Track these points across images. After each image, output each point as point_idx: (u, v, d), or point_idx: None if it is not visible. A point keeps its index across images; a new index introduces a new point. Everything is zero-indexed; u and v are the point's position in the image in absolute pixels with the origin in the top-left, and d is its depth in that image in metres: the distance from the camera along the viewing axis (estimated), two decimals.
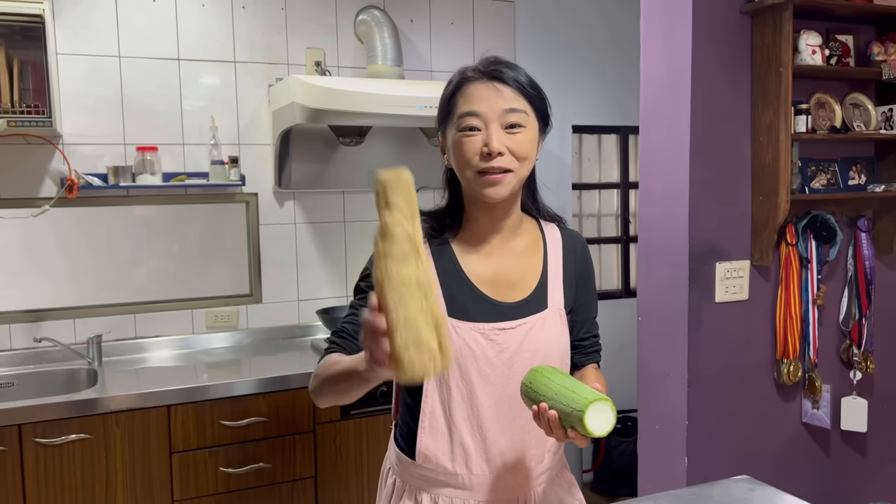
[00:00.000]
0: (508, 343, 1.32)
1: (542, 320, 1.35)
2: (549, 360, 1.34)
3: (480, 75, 1.28)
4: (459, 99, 1.28)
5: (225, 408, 2.48)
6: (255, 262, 3.08)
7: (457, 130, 1.27)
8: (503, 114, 1.25)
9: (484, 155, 1.25)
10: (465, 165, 1.27)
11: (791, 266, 2.33)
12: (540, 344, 1.34)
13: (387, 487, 1.44)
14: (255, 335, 3.09)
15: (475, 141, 1.25)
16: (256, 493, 2.54)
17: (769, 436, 2.42)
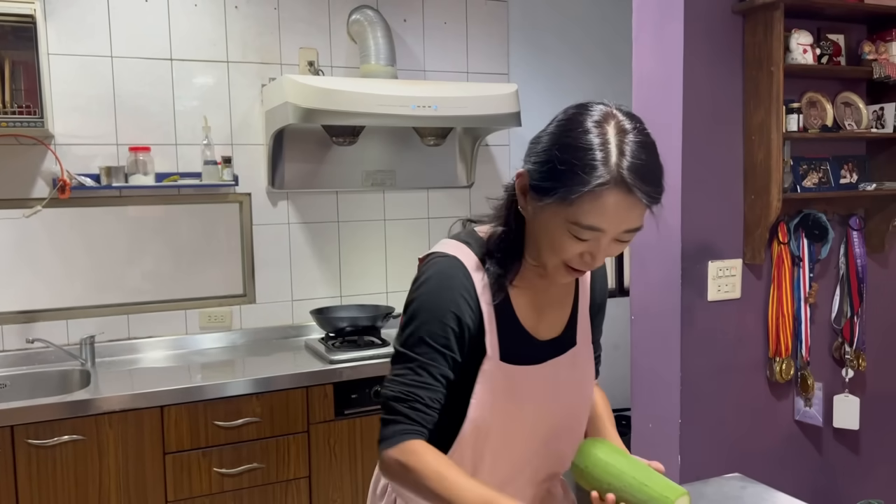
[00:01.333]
0: (549, 384, 1.27)
1: (575, 357, 1.31)
2: (579, 397, 1.32)
3: (622, 183, 1.05)
4: (588, 204, 1.06)
5: (219, 408, 2.48)
6: (249, 263, 3.08)
7: (566, 224, 1.09)
8: (623, 232, 1.09)
9: (584, 261, 1.13)
10: (556, 255, 1.13)
11: (783, 264, 2.34)
12: (573, 382, 1.31)
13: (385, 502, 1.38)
14: (248, 335, 3.09)
15: (582, 246, 1.11)
16: (250, 494, 2.54)
17: (762, 434, 2.43)
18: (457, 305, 1.17)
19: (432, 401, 1.16)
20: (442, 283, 1.18)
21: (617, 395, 3.83)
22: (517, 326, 1.23)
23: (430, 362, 1.16)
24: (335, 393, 2.63)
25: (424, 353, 1.17)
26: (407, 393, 1.15)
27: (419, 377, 1.16)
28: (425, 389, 1.16)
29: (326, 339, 2.93)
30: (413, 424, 1.15)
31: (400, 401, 1.16)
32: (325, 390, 2.62)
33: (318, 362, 2.73)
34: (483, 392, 1.20)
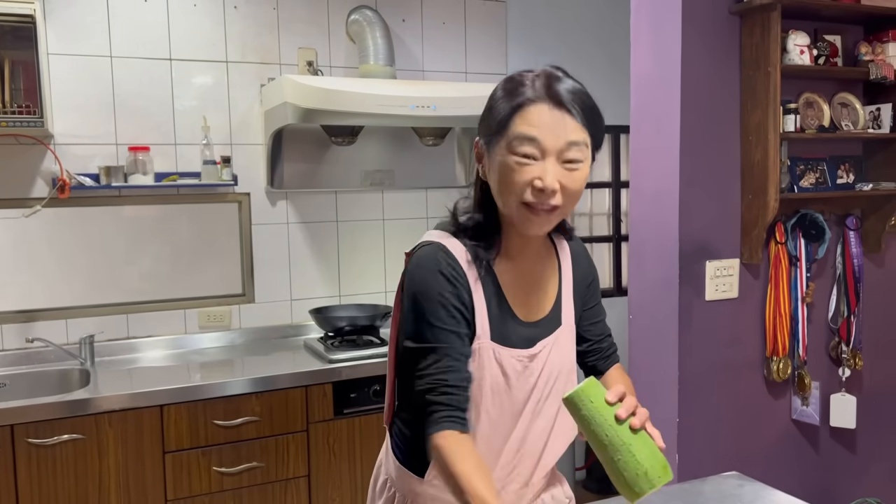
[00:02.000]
0: (536, 367, 1.29)
1: (557, 338, 1.33)
2: (561, 379, 1.33)
3: (546, 98, 1.15)
4: (517, 118, 1.14)
5: (218, 407, 2.49)
6: (248, 262, 3.09)
7: (508, 152, 1.15)
8: (564, 147, 1.14)
9: (536, 189, 1.15)
10: (511, 193, 1.17)
11: (780, 264, 2.35)
12: (556, 363, 1.32)
13: (384, 499, 1.40)
14: (247, 335, 3.09)
15: (528, 171, 1.14)
16: (250, 493, 2.54)
17: (759, 433, 2.44)
18: (451, 285, 1.21)
19: (459, 381, 1.19)
20: (431, 269, 1.22)
21: None
22: (504, 305, 1.27)
23: (446, 344, 1.19)
24: (334, 392, 2.64)
25: (437, 338, 1.20)
26: (434, 382, 1.19)
27: (441, 363, 1.19)
28: (450, 373, 1.19)
29: (325, 339, 2.94)
30: (448, 409, 1.17)
31: (431, 391, 1.19)
32: (324, 389, 2.63)
33: (317, 361, 2.74)
34: (474, 370, 1.23)
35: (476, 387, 1.23)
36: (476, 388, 1.23)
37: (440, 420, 1.17)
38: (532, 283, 1.31)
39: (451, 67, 3.39)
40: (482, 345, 1.23)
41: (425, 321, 1.21)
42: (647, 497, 1.08)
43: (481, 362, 1.23)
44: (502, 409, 1.27)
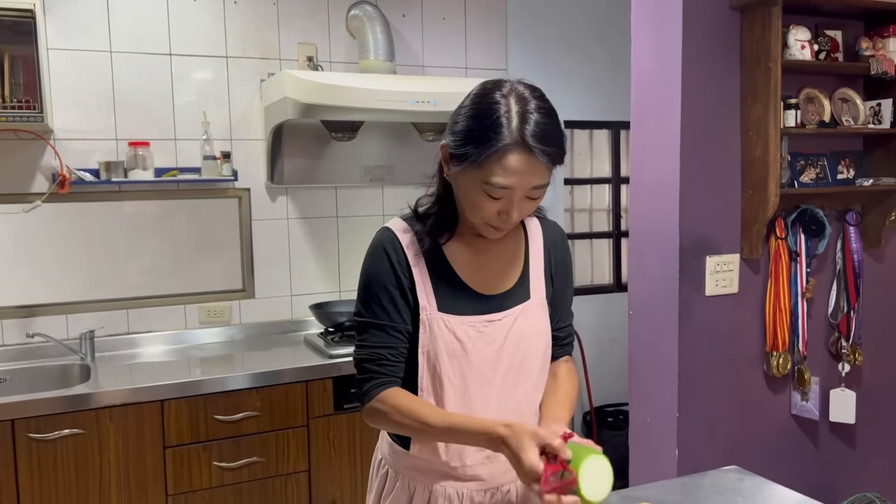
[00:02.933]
0: (496, 334, 1.35)
1: (526, 310, 1.39)
2: (533, 350, 1.39)
3: (521, 144, 1.20)
4: (494, 164, 1.21)
5: (218, 402, 2.49)
6: (248, 258, 3.09)
7: (480, 185, 1.23)
8: (531, 189, 1.25)
9: (501, 218, 1.27)
10: (476, 215, 1.28)
11: (780, 259, 2.35)
12: (525, 334, 1.38)
13: (379, 478, 1.46)
14: (247, 330, 3.10)
15: (496, 205, 1.25)
16: (250, 487, 2.55)
17: (759, 428, 2.44)
18: (390, 265, 1.33)
19: (395, 354, 1.33)
20: (376, 251, 1.35)
21: (615, 389, 3.87)
22: (454, 279, 1.35)
23: (384, 321, 1.32)
24: (334, 387, 2.64)
25: (376, 314, 1.33)
26: (371, 353, 1.33)
27: (378, 337, 1.33)
28: (386, 347, 1.32)
29: (325, 334, 2.94)
30: (383, 377, 1.32)
31: (368, 361, 1.33)
32: (324, 385, 2.63)
33: (317, 357, 2.74)
34: (427, 341, 1.32)
35: (433, 355, 1.32)
36: (433, 356, 1.32)
37: (376, 385, 1.31)
38: (490, 259, 1.39)
39: (451, 63, 3.39)
40: (430, 315, 1.32)
41: (368, 299, 1.34)
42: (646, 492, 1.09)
43: (433, 331, 1.32)
44: (463, 375, 1.33)
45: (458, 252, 1.37)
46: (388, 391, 1.31)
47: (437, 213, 1.35)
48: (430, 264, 1.34)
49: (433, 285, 1.34)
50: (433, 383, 1.34)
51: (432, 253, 1.34)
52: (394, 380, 1.33)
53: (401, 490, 1.40)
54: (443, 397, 1.34)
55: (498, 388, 1.36)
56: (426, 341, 1.33)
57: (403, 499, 1.40)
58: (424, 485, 1.39)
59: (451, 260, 1.36)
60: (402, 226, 1.37)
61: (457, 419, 1.26)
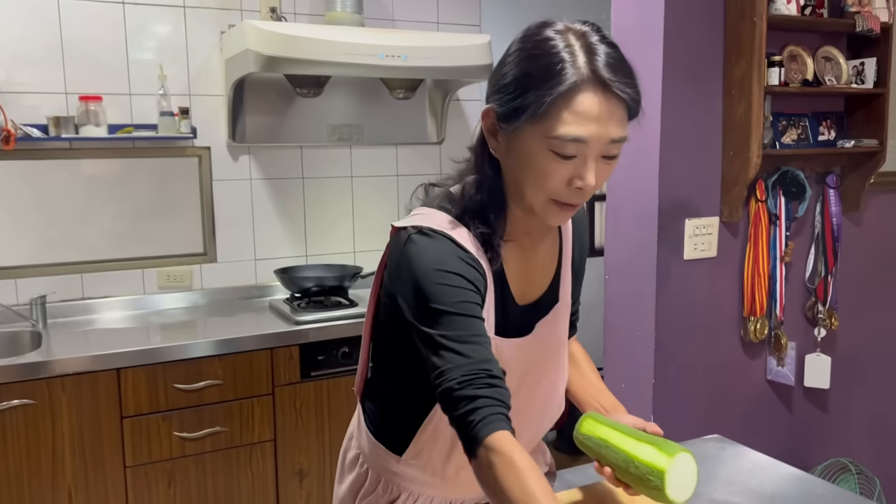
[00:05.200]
0: (528, 348, 1.18)
1: (555, 316, 1.22)
2: (557, 355, 1.25)
3: (594, 81, 0.96)
4: (563, 110, 0.96)
5: (179, 371, 2.38)
6: (209, 220, 2.95)
7: (544, 143, 0.98)
8: (608, 144, 0.99)
9: (574, 189, 1.02)
10: (542, 190, 1.02)
11: (760, 222, 2.30)
12: (552, 341, 1.22)
13: (355, 475, 1.31)
14: (209, 295, 2.98)
15: (568, 169, 1.00)
16: (213, 458, 2.46)
17: (734, 394, 2.41)
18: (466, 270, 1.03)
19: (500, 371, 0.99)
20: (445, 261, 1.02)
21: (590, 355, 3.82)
22: (508, 295, 1.14)
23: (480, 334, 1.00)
24: (301, 355, 2.55)
25: (459, 325, 0.99)
26: (473, 372, 0.97)
27: (469, 350, 0.98)
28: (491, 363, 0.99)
29: (291, 300, 2.83)
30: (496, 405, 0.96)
31: (469, 385, 0.96)
32: (290, 352, 2.54)
33: (282, 323, 2.64)
34: None
35: None
36: None
37: (490, 417, 0.94)
38: (533, 264, 1.17)
39: (422, 17, 3.25)
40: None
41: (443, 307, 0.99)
42: None
43: None
44: None
45: (511, 263, 1.13)
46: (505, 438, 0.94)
47: (489, 203, 1.08)
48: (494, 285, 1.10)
49: (494, 301, 1.11)
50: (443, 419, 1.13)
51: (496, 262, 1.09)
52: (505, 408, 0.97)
53: (382, 492, 1.26)
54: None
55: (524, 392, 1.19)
56: None
57: (383, 502, 1.27)
58: (409, 492, 1.25)
59: (507, 269, 1.12)
60: (463, 234, 1.06)
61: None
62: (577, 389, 1.34)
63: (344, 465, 1.36)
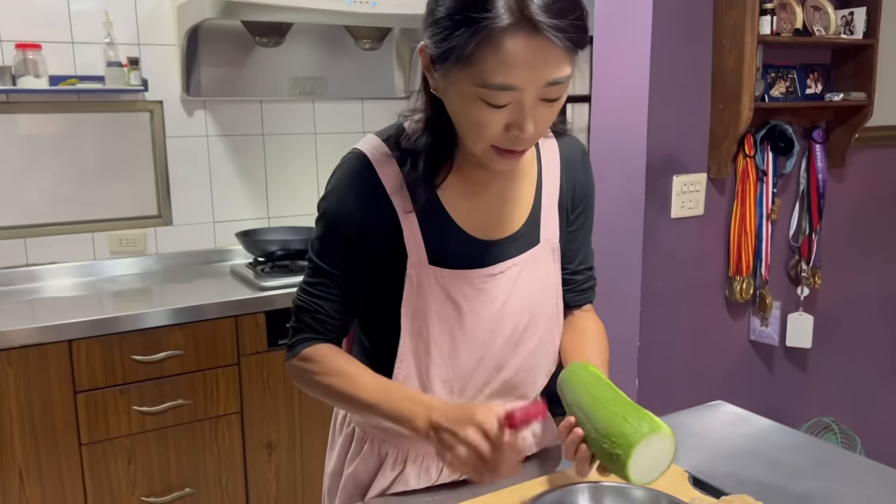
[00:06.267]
0: (498, 291, 1.10)
1: (534, 259, 1.13)
2: (541, 307, 1.15)
3: (522, 22, 0.86)
4: (487, 55, 0.88)
5: (135, 341, 2.22)
6: (163, 180, 2.76)
7: (473, 91, 0.91)
8: (544, 87, 0.91)
9: (511, 137, 0.95)
10: (479, 139, 0.97)
11: (748, 179, 2.22)
12: (532, 288, 1.13)
13: (344, 437, 1.24)
14: (166, 261, 2.79)
15: (502, 117, 0.93)
16: (176, 432, 2.31)
17: (717, 354, 2.36)
18: (361, 211, 1.06)
19: (337, 312, 1.11)
20: (346, 187, 1.07)
21: None
22: (448, 224, 1.08)
23: (336, 272, 1.09)
24: (267, 322, 2.40)
25: (329, 263, 1.09)
26: (312, 304, 1.10)
27: (325, 288, 1.10)
28: (330, 301, 1.10)
29: (255, 265, 2.67)
30: (316, 334, 1.11)
31: (305, 311, 1.11)
32: (255, 319, 2.39)
33: (246, 289, 2.48)
34: (413, 300, 1.08)
35: (420, 317, 1.08)
36: (420, 318, 1.08)
37: (305, 340, 1.11)
38: (493, 196, 1.11)
39: None
40: (421, 271, 1.06)
41: (324, 243, 1.10)
42: None
43: (422, 290, 1.07)
44: (454, 340, 1.10)
45: (455, 190, 1.08)
46: (317, 347, 1.10)
47: (430, 146, 1.04)
48: (421, 209, 1.06)
49: (423, 232, 1.06)
50: (416, 350, 1.10)
51: (422, 194, 1.05)
52: (328, 339, 1.12)
53: (369, 453, 1.19)
54: (427, 366, 1.10)
55: (496, 352, 1.13)
56: (412, 301, 1.08)
57: (373, 463, 1.19)
58: (398, 450, 1.18)
59: (446, 201, 1.08)
60: (381, 153, 1.06)
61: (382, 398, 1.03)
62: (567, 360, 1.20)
63: (335, 429, 1.29)
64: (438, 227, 1.07)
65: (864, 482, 1.20)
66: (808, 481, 1.20)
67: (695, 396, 2.14)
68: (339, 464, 1.24)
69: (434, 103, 1.02)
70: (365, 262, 1.08)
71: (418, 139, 1.04)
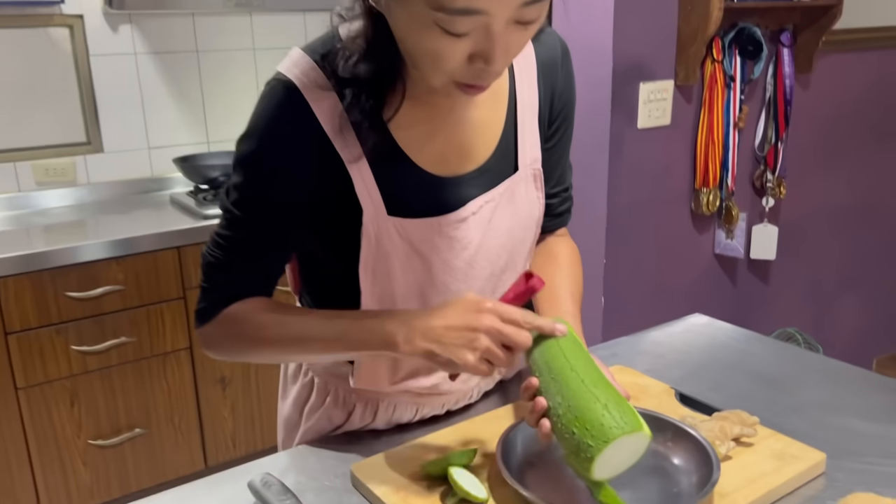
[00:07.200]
0: (471, 236, 0.93)
1: (510, 192, 0.96)
2: (521, 245, 1.00)
3: None
4: None
5: (70, 277, 2.06)
6: (90, 104, 2.53)
7: (430, 20, 0.72)
8: (520, 8, 0.73)
9: (476, 70, 0.78)
10: (438, 71, 0.78)
11: (715, 85, 2.13)
12: (509, 225, 0.97)
13: (299, 386, 1.09)
14: (99, 191, 2.60)
15: (464, 45, 0.75)
16: (121, 371, 2.18)
17: (682, 269, 2.31)
18: (292, 158, 0.87)
19: (256, 271, 0.94)
20: (272, 128, 0.86)
21: None
22: (407, 166, 0.90)
23: (257, 228, 0.91)
24: None
25: (249, 216, 0.90)
26: (226, 261, 0.92)
27: (242, 245, 0.92)
28: (248, 260, 0.93)
29: (196, 192, 2.50)
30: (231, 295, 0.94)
31: (218, 269, 0.93)
32: (200, 250, 2.22)
33: (188, 218, 2.32)
34: (372, 258, 0.91)
35: (383, 275, 0.92)
36: (383, 276, 0.92)
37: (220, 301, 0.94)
38: (455, 124, 0.92)
39: None
40: (379, 225, 0.89)
41: (245, 191, 0.89)
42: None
43: (382, 246, 0.90)
44: (424, 296, 0.94)
45: (409, 122, 0.89)
46: (240, 305, 0.93)
47: (375, 72, 0.84)
48: (373, 151, 0.88)
49: (377, 179, 0.88)
50: (381, 306, 0.94)
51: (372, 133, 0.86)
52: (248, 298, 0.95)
53: (333, 405, 1.05)
54: None
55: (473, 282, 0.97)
56: (371, 259, 0.91)
57: (338, 416, 1.06)
58: (366, 401, 1.05)
59: (400, 137, 0.89)
60: (314, 83, 0.84)
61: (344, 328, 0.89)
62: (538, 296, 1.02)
63: (287, 378, 1.14)
64: (394, 170, 0.89)
65: (859, 391, 1.15)
66: (798, 392, 1.15)
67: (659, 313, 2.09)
68: (296, 415, 1.10)
69: (376, 21, 0.81)
70: (296, 217, 0.91)
71: (358, 64, 0.83)
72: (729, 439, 0.93)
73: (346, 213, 0.89)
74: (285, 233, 0.92)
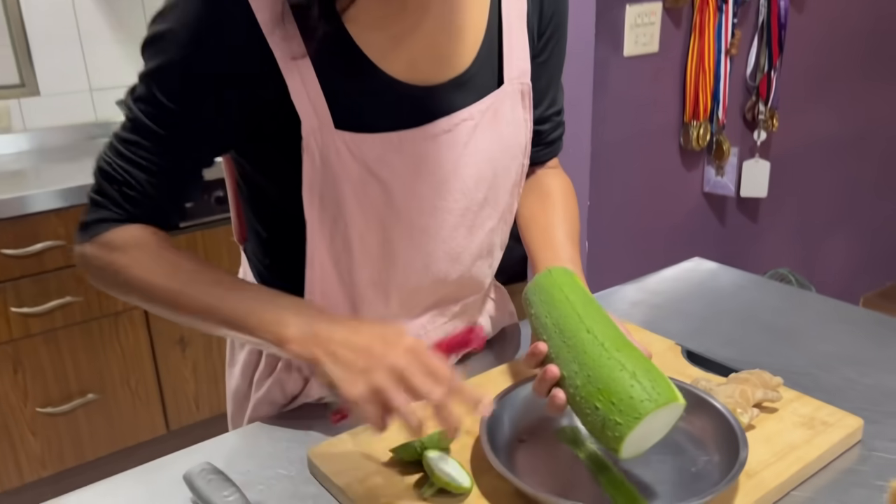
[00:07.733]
0: (442, 158, 0.78)
1: (494, 109, 0.82)
2: (504, 176, 0.85)
3: None
4: None
5: (6, 232, 1.87)
6: (21, 42, 2.29)
7: None
8: None
9: None
10: None
11: (707, 8, 1.96)
12: (491, 151, 0.82)
13: (248, 352, 0.94)
14: (37, 138, 2.38)
15: None
16: (68, 334, 2.01)
17: (670, 209, 2.18)
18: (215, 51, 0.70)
19: (157, 187, 0.77)
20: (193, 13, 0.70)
21: None
22: (364, 67, 0.74)
23: (163, 132, 0.74)
24: None
25: (155, 118, 0.74)
26: (123, 171, 0.76)
27: (143, 152, 0.75)
28: (149, 172, 0.76)
29: None
30: (123, 213, 0.78)
31: (112, 180, 0.77)
32: None
33: None
34: (317, 180, 0.75)
35: (332, 202, 0.77)
36: (332, 203, 0.77)
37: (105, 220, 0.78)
38: (428, 22, 0.77)
39: None
40: (324, 139, 0.73)
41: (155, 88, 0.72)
42: None
43: (328, 165, 0.75)
44: (385, 229, 0.80)
45: (370, 14, 0.74)
46: (126, 229, 0.78)
47: None
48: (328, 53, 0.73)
49: (322, 82, 0.73)
50: (332, 245, 0.80)
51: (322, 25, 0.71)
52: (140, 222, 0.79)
53: (286, 371, 0.90)
54: (350, 267, 0.81)
55: (446, 238, 0.83)
56: (316, 180, 0.75)
57: (292, 386, 0.91)
58: None
59: (357, 32, 0.74)
60: None
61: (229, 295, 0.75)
62: (532, 240, 0.92)
63: (234, 343, 0.98)
64: (347, 72, 0.74)
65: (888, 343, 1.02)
66: (818, 344, 1.02)
67: (646, 257, 1.96)
68: (245, 385, 0.95)
69: None
70: (212, 123, 0.75)
71: None
72: (751, 405, 0.80)
73: (285, 122, 0.74)
74: (200, 139, 0.76)
